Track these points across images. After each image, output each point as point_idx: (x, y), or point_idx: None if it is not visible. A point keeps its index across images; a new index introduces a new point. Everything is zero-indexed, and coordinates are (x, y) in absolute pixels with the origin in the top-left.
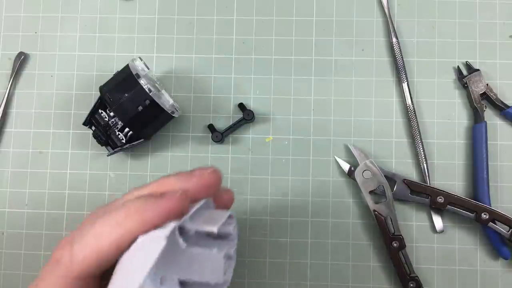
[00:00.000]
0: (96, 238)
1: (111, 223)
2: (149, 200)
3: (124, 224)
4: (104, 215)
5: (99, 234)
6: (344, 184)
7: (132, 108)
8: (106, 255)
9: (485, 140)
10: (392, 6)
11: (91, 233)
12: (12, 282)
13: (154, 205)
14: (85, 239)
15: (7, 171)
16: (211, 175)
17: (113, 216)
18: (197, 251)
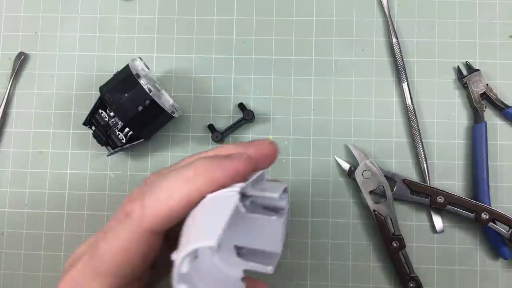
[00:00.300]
0: (167, 194)
1: (181, 180)
2: (217, 160)
3: (193, 181)
4: (173, 172)
5: (170, 190)
6: (344, 184)
7: (132, 108)
8: (176, 211)
9: (485, 140)
10: (392, 6)
11: (163, 188)
12: (12, 282)
13: (222, 165)
14: (156, 194)
15: (7, 171)
16: (270, 146)
17: (183, 173)
18: (257, 217)
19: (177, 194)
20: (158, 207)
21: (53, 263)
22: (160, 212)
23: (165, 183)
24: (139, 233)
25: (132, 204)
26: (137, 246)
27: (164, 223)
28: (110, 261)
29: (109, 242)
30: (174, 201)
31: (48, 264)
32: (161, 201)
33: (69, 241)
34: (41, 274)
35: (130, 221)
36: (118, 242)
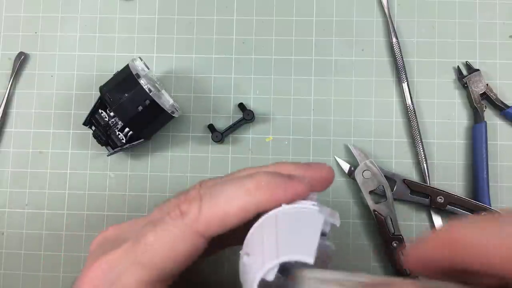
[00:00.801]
0: (226, 201)
1: (242, 191)
2: (279, 178)
3: (254, 194)
4: (234, 181)
5: (230, 198)
6: (344, 184)
7: (132, 108)
8: (231, 220)
9: (485, 140)
10: (392, 6)
11: (223, 195)
12: (12, 282)
13: (284, 184)
14: (216, 199)
15: (7, 171)
16: (329, 171)
17: (244, 184)
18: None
19: (236, 203)
20: (215, 213)
21: (53, 263)
22: (216, 218)
23: (225, 190)
24: (191, 234)
25: (189, 204)
26: (184, 246)
27: (217, 230)
28: (155, 253)
29: (159, 236)
30: (232, 210)
31: (48, 264)
32: (219, 207)
33: (69, 241)
34: (41, 274)
35: (184, 220)
36: (168, 237)
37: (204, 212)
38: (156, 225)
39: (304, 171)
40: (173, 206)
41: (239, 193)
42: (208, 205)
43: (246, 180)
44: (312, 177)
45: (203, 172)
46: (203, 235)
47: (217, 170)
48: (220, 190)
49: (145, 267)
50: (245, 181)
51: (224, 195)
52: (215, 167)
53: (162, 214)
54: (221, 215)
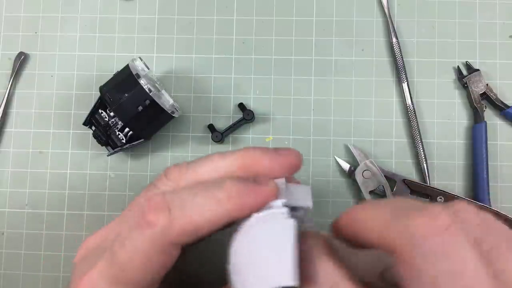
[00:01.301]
0: (197, 211)
1: (213, 201)
2: (249, 186)
3: (225, 204)
4: (204, 190)
5: (201, 208)
6: (344, 184)
7: (132, 108)
8: (203, 229)
9: (485, 140)
10: (392, 6)
11: (194, 205)
12: (12, 282)
13: (253, 193)
14: (187, 209)
15: (7, 171)
16: (297, 157)
17: (215, 193)
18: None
19: (207, 213)
20: (187, 223)
21: (53, 263)
22: (188, 228)
23: (196, 199)
24: (163, 245)
25: (156, 213)
26: (158, 258)
27: (189, 239)
28: (130, 272)
29: (129, 252)
30: (204, 221)
31: (48, 264)
32: (191, 217)
33: (69, 241)
34: (41, 274)
35: (154, 231)
36: (139, 253)
37: (175, 223)
38: (124, 242)
39: (271, 159)
40: (139, 215)
41: (210, 204)
42: (179, 216)
43: (216, 190)
44: (279, 166)
45: None
46: (173, 245)
47: None
48: (191, 201)
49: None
50: (215, 190)
51: (195, 205)
52: None
53: (129, 222)
54: (194, 225)
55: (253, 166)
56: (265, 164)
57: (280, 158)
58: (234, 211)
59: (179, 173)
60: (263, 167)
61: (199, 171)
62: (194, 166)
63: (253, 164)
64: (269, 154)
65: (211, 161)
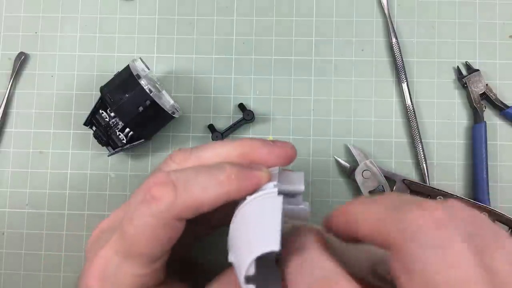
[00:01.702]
0: (200, 190)
1: (214, 181)
2: (246, 171)
3: (225, 185)
4: (206, 171)
5: (204, 187)
6: (344, 184)
7: (133, 108)
8: (205, 206)
9: (485, 140)
10: (392, 6)
11: (197, 183)
12: (12, 282)
13: (250, 176)
14: (191, 187)
15: (7, 171)
16: (292, 149)
17: (216, 175)
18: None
19: (209, 192)
20: (191, 199)
21: (53, 263)
22: (192, 204)
23: (199, 178)
24: (168, 219)
25: (162, 189)
26: (164, 231)
27: (192, 214)
28: (139, 245)
29: (137, 227)
30: (206, 198)
31: (48, 264)
32: (195, 194)
33: (69, 241)
34: (41, 274)
35: (159, 206)
36: (146, 227)
37: (180, 199)
38: (132, 214)
39: (268, 150)
40: (143, 189)
41: (212, 184)
42: (183, 192)
43: (217, 171)
44: (275, 157)
45: None
46: (179, 219)
47: None
48: (195, 179)
49: (134, 258)
50: (216, 172)
51: (198, 185)
52: None
53: (134, 198)
54: (197, 201)
55: (251, 154)
56: (262, 153)
57: (276, 149)
58: (232, 192)
59: (184, 157)
60: (259, 156)
61: (202, 156)
62: (197, 151)
63: (251, 153)
64: (267, 145)
65: (213, 148)
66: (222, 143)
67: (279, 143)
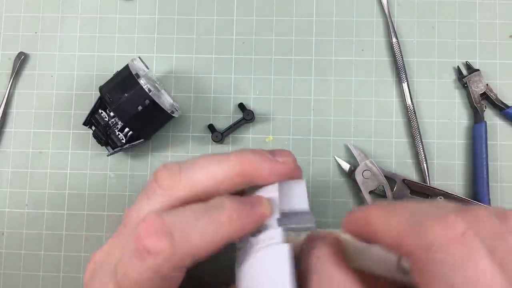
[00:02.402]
0: (200, 235)
1: (215, 224)
2: (247, 208)
3: (225, 227)
4: (205, 214)
5: (204, 233)
6: (344, 184)
7: (132, 108)
8: (205, 252)
9: (485, 140)
10: (392, 6)
11: (197, 229)
12: (12, 282)
13: (252, 215)
14: (190, 234)
15: (7, 171)
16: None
17: (216, 217)
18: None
19: (210, 237)
20: (190, 248)
21: (53, 263)
22: (191, 253)
23: (198, 223)
24: (167, 271)
25: (157, 241)
26: (163, 283)
27: (192, 263)
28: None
29: (133, 282)
30: (206, 244)
31: (48, 264)
32: (195, 242)
33: (69, 241)
34: (41, 274)
35: (156, 260)
36: (143, 282)
37: (178, 249)
38: (127, 271)
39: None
40: (137, 239)
41: (212, 228)
42: (182, 243)
43: (217, 213)
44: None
45: None
46: (175, 271)
47: None
48: (193, 225)
49: None
50: (217, 215)
51: (198, 231)
52: None
53: (128, 246)
54: (196, 250)
55: (251, 174)
56: (263, 172)
57: (278, 167)
58: (234, 233)
59: (172, 181)
60: (260, 175)
61: (195, 179)
62: (188, 172)
63: (251, 172)
64: (267, 161)
65: (207, 168)
66: (217, 159)
67: (281, 157)
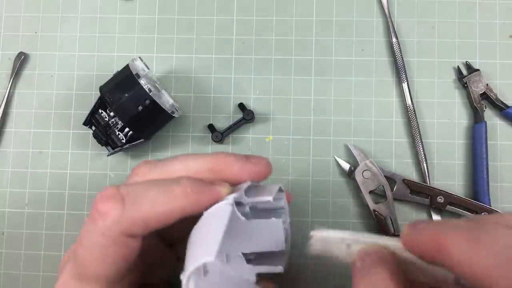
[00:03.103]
0: (150, 204)
1: (168, 195)
2: (204, 185)
3: (179, 200)
4: (160, 185)
5: (155, 202)
6: (344, 184)
7: (132, 108)
8: (155, 221)
9: (485, 140)
10: (392, 6)
11: (148, 198)
12: (12, 282)
13: (208, 191)
14: (139, 201)
15: (7, 171)
16: (266, 167)
17: (170, 189)
18: (256, 222)
19: (160, 207)
20: (137, 214)
21: (53, 263)
22: (138, 219)
23: (151, 194)
24: (117, 236)
25: (108, 203)
26: (115, 250)
27: (142, 230)
28: (91, 267)
29: (86, 248)
30: (155, 213)
31: (48, 264)
32: (143, 209)
33: (69, 241)
34: (41, 274)
35: (105, 222)
36: (95, 247)
37: (126, 213)
38: (81, 238)
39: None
40: (92, 207)
41: (165, 198)
42: (133, 206)
43: (173, 186)
44: (247, 173)
45: None
46: (131, 236)
47: None
48: (145, 193)
49: (89, 282)
50: (172, 187)
51: (149, 198)
52: None
53: (86, 219)
54: (145, 216)
55: (223, 170)
56: (234, 170)
57: (249, 166)
58: (187, 207)
59: (148, 169)
60: (231, 172)
61: (169, 169)
62: (165, 163)
63: (223, 169)
64: (240, 162)
65: (183, 161)
66: (194, 156)
67: (253, 159)
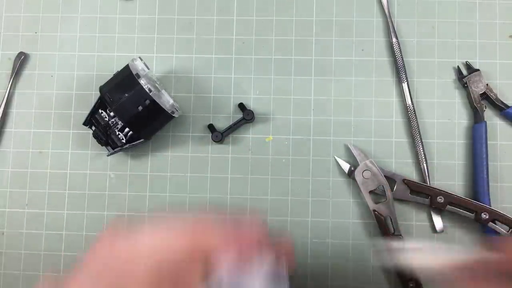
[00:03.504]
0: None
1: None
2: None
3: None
4: None
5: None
6: (344, 184)
7: (132, 108)
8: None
9: (485, 140)
10: (392, 6)
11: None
12: (12, 282)
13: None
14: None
15: (7, 171)
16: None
17: None
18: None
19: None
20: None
21: (53, 263)
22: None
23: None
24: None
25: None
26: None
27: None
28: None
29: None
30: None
31: (48, 264)
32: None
33: (69, 241)
34: (41, 274)
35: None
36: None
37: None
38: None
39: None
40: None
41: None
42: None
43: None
44: (237, 249)
45: (203, 172)
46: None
47: (217, 170)
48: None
49: None
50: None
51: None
52: (215, 167)
53: None
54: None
55: (201, 244)
56: (215, 242)
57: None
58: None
59: (113, 238)
60: (211, 245)
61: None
62: (130, 235)
63: (201, 242)
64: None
65: (153, 233)
66: (168, 224)
67: (244, 224)
